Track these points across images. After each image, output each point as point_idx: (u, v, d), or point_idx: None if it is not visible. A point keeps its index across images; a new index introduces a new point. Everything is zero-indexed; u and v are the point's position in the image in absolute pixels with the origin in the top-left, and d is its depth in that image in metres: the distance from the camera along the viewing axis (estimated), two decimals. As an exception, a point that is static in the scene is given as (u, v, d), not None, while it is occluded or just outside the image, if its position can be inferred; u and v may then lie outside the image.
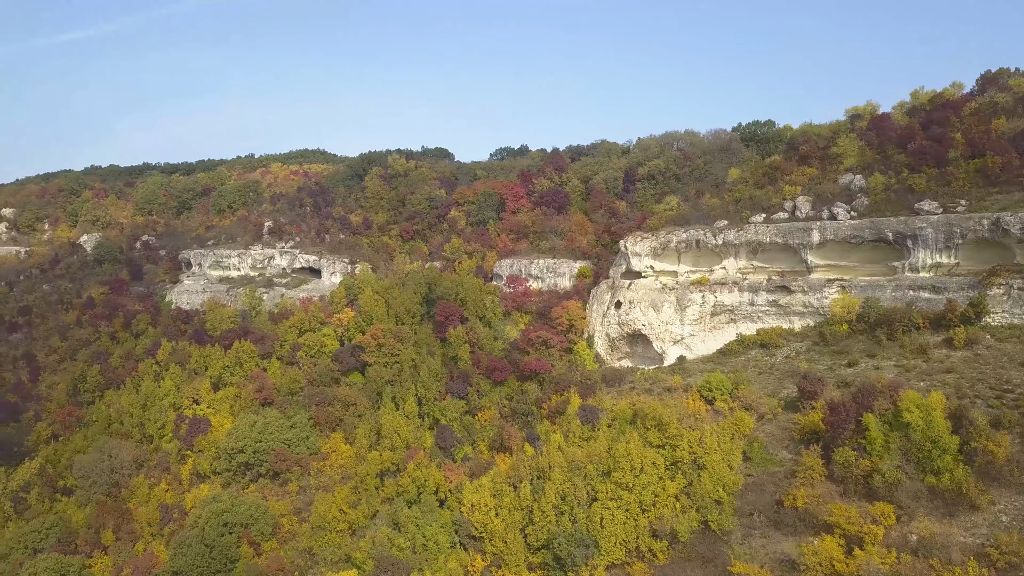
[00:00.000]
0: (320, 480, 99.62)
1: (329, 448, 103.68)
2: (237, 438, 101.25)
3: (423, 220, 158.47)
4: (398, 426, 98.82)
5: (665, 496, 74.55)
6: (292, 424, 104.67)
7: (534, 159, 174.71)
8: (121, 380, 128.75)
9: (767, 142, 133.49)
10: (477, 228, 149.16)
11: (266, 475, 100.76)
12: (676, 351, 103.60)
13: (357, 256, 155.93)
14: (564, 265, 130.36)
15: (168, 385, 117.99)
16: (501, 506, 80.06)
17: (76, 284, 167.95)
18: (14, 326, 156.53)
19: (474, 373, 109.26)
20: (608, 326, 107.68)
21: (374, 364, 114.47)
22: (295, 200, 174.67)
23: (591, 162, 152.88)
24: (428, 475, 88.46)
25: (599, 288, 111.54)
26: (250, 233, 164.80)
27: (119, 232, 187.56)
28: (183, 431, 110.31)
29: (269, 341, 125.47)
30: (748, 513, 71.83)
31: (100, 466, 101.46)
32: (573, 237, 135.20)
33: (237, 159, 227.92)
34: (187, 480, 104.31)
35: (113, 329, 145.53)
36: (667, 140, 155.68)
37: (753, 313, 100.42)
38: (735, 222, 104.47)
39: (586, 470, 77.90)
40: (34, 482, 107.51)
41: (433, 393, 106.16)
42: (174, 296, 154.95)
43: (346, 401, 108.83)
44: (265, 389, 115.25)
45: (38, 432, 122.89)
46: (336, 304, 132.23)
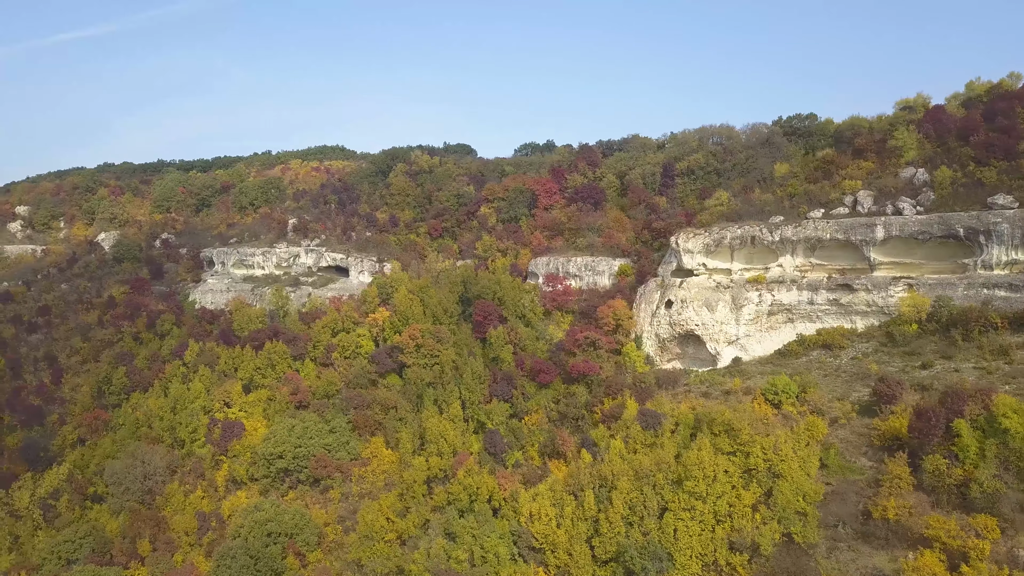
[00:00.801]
0: (362, 487, 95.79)
1: (370, 453, 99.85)
2: (275, 443, 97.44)
3: (451, 217, 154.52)
4: (444, 430, 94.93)
5: (741, 506, 70.68)
6: (331, 428, 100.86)
7: (563, 155, 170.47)
8: (148, 382, 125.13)
9: (809, 136, 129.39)
10: (508, 225, 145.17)
11: (306, 481, 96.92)
12: (730, 352, 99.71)
13: (385, 254, 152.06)
14: (603, 263, 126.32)
15: (198, 388, 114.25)
16: (563, 516, 76.32)
17: (95, 283, 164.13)
18: (33, 326, 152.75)
19: (517, 375, 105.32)
20: (658, 326, 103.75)
21: (412, 365, 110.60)
22: (319, 197, 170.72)
23: (625, 157, 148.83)
24: (480, 482, 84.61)
25: (647, 286, 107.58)
26: (274, 231, 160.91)
27: (137, 230, 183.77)
28: (216, 435, 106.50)
29: (301, 342, 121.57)
30: (832, 525, 67.98)
31: (133, 472, 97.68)
32: (611, 234, 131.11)
33: (254, 156, 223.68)
34: (223, 486, 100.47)
35: (136, 329, 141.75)
36: (702, 135, 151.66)
37: (812, 312, 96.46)
38: (791, 218, 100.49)
39: (654, 479, 74.09)
40: (63, 489, 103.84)
41: (477, 396, 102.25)
42: (198, 295, 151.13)
43: (385, 404, 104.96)
44: (300, 392, 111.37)
45: (63, 436, 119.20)
46: (369, 303, 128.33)
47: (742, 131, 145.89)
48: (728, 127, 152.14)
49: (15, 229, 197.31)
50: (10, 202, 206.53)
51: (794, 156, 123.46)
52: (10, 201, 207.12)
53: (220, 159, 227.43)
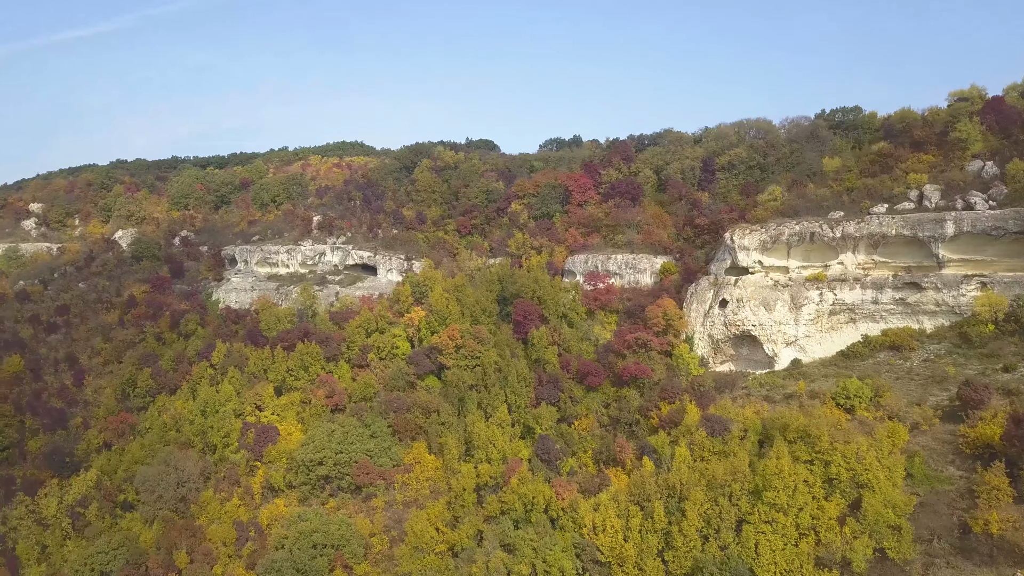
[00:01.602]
0: (406, 495, 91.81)
1: (412, 459, 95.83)
2: (315, 449, 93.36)
3: (480, 214, 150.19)
4: (492, 436, 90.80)
5: (825, 519, 66.59)
6: (372, 433, 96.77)
7: (593, 150, 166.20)
8: (174, 384, 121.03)
9: (854, 129, 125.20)
10: (541, 222, 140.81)
11: (347, 489, 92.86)
12: (789, 353, 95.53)
13: (413, 252, 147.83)
14: (644, 261, 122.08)
15: (228, 390, 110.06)
16: (630, 528, 72.26)
17: (114, 282, 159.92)
18: (52, 326, 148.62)
19: (564, 377, 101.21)
20: (711, 326, 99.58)
21: (452, 367, 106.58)
22: (342, 193, 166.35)
23: (660, 151, 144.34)
24: (536, 491, 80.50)
25: (699, 285, 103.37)
26: (298, 228, 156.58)
27: (155, 228, 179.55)
28: (250, 440, 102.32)
29: (333, 343, 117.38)
30: (926, 539, 63.85)
31: (166, 479, 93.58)
32: (650, 231, 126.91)
33: (272, 152, 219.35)
34: (259, 494, 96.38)
35: (159, 330, 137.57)
36: (739, 129, 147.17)
37: (876, 312, 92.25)
38: (851, 213, 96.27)
39: (730, 489, 69.90)
40: (92, 496, 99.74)
41: (523, 399, 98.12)
42: (221, 294, 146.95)
43: (426, 407, 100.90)
44: (336, 394, 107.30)
45: (88, 440, 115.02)
46: (402, 303, 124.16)
47: (781, 125, 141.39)
48: (765, 121, 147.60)
49: (29, 227, 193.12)
50: (23, 199, 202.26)
51: (842, 150, 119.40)
52: (23, 198, 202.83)
53: (236, 155, 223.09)
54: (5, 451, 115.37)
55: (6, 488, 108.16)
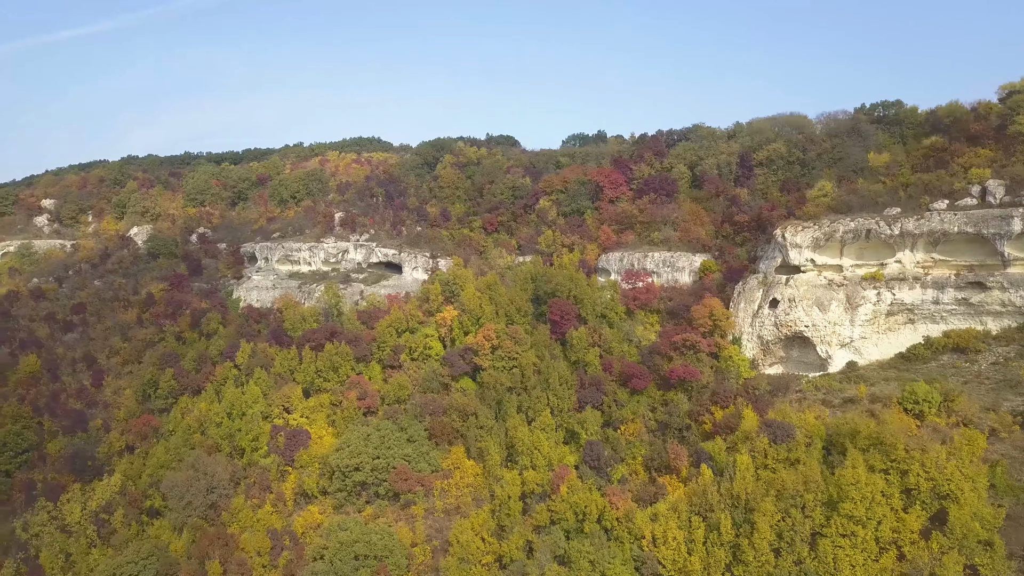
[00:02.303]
0: (446, 502, 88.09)
1: (450, 464, 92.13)
2: (351, 453, 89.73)
3: (507, 211, 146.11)
4: (537, 441, 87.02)
5: (907, 532, 62.86)
6: (409, 437, 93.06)
7: (623, 145, 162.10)
8: (197, 385, 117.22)
9: (897, 124, 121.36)
10: (571, 219, 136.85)
11: (384, 496, 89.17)
12: (843, 355, 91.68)
13: (438, 250, 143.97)
14: (683, 258, 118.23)
15: (255, 391, 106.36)
16: (694, 541, 68.59)
17: (131, 280, 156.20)
18: (69, 325, 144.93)
19: (606, 380, 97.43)
20: (761, 327, 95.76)
21: (488, 369, 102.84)
22: (364, 190, 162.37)
23: (693, 146, 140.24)
24: (588, 500, 76.85)
25: (747, 284, 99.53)
26: (320, 225, 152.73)
27: (171, 224, 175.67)
28: (280, 444, 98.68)
29: (363, 343, 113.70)
30: (1018, 555, 60.12)
31: (195, 485, 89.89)
32: (687, 228, 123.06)
33: (287, 148, 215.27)
34: (291, 500, 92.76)
35: (179, 329, 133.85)
36: (773, 124, 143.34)
37: (936, 313, 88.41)
38: (908, 210, 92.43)
39: (802, 500, 66.10)
40: (116, 502, 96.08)
41: (567, 403, 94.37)
42: (242, 293, 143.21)
43: (463, 410, 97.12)
44: (368, 396, 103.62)
45: (110, 443, 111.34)
46: (432, 302, 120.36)
47: (817, 120, 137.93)
48: (800, 116, 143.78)
49: (42, 223, 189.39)
50: (35, 195, 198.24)
51: (886, 145, 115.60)
52: (35, 195, 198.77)
53: (251, 151, 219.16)
54: (24, 454, 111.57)
55: (26, 493, 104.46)
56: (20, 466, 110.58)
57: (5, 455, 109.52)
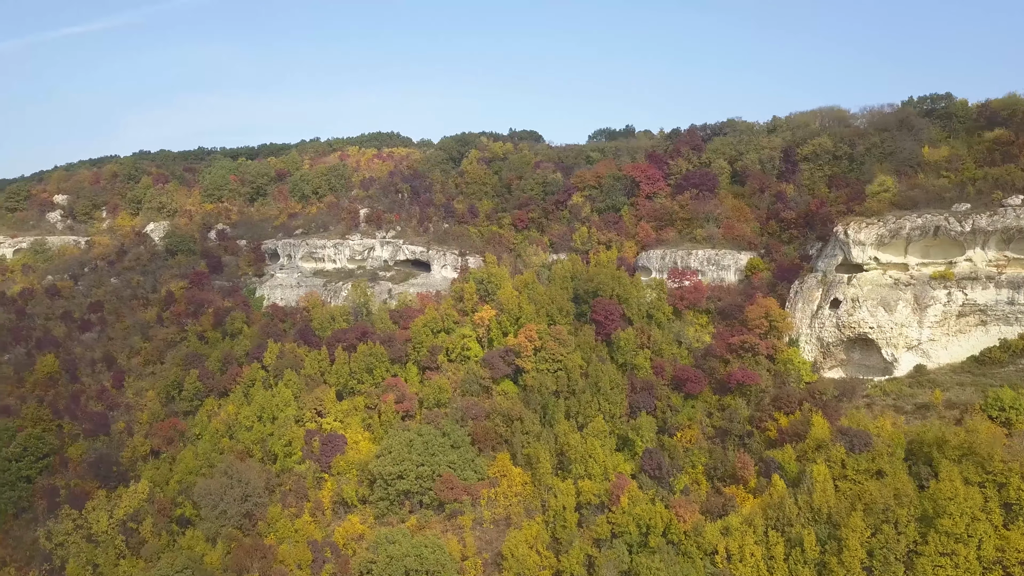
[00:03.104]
0: (494, 512, 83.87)
1: (496, 472, 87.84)
2: (394, 460, 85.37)
3: (537, 207, 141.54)
4: (591, 448, 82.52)
5: (1012, 551, 58.37)
6: (453, 443, 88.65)
7: (654, 140, 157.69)
8: (223, 387, 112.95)
9: (948, 117, 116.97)
10: (606, 215, 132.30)
11: (429, 505, 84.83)
12: (910, 359, 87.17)
13: (467, 247, 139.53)
14: (728, 256, 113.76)
15: (286, 394, 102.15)
16: (774, 557, 64.14)
17: (148, 277, 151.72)
18: (86, 324, 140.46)
19: (658, 384, 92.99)
20: (821, 328, 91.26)
21: (531, 371, 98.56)
22: (388, 185, 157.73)
23: (732, 141, 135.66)
24: (652, 512, 72.47)
25: (804, 283, 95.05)
26: (344, 222, 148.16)
27: (188, 221, 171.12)
28: (315, 449, 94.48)
29: (397, 343, 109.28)
30: None
31: (230, 493, 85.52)
32: (731, 225, 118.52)
33: (303, 143, 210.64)
34: (329, 509, 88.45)
35: (201, 328, 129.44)
36: (812, 119, 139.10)
37: (1012, 314, 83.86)
38: (978, 206, 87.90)
39: (895, 515, 61.63)
40: (145, 510, 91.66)
41: (619, 408, 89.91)
42: (266, 291, 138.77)
43: (508, 415, 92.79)
44: (406, 399, 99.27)
45: (134, 447, 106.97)
46: (467, 301, 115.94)
47: (861, 113, 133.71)
48: (840, 109, 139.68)
49: (55, 219, 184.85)
50: (47, 191, 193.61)
51: (939, 139, 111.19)
52: (47, 190, 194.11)
53: (267, 146, 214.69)
54: (45, 459, 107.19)
55: (49, 499, 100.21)
56: (41, 471, 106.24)
57: (26, 460, 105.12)
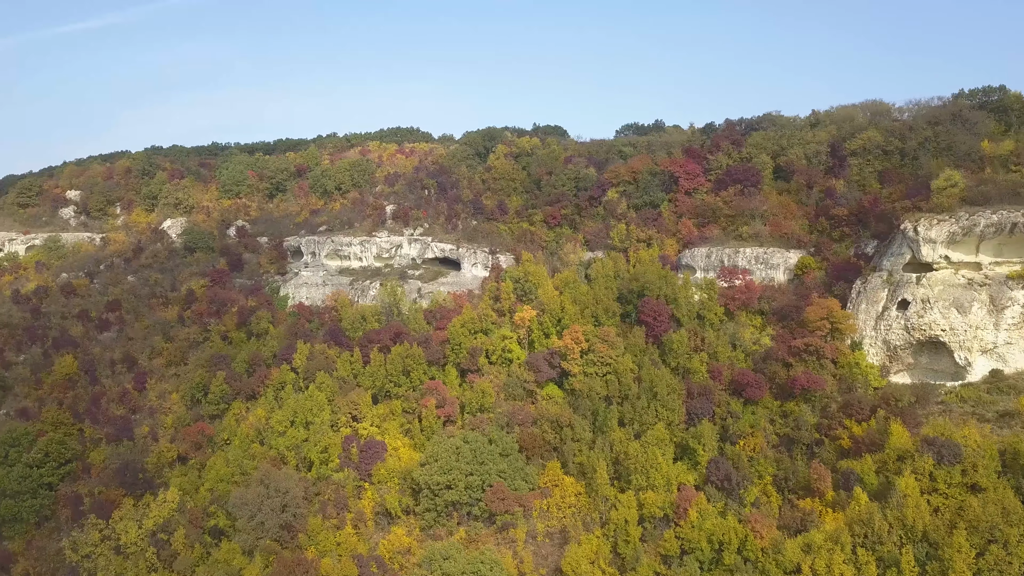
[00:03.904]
0: (548, 524, 79.47)
1: (548, 482, 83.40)
2: (441, 469, 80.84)
3: (569, 203, 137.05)
4: (653, 458, 77.94)
5: None
6: (502, 451, 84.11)
7: (679, 135, 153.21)
8: (251, 390, 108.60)
9: (1002, 110, 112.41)
10: (644, 212, 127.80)
11: (479, 517, 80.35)
12: (984, 363, 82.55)
13: (498, 245, 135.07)
14: (777, 255, 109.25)
15: (320, 398, 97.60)
16: (866, 578, 59.47)
17: (167, 275, 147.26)
18: (104, 323, 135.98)
19: (715, 389, 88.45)
20: (887, 331, 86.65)
21: (579, 375, 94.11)
22: (414, 181, 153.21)
23: (773, 135, 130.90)
24: (725, 527, 68.02)
25: (868, 283, 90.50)
26: (370, 219, 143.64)
27: (205, 217, 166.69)
28: (354, 456, 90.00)
29: (433, 344, 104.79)
30: None
31: (268, 503, 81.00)
32: (777, 222, 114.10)
33: (320, 138, 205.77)
34: (371, 520, 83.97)
35: (224, 328, 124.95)
36: (854, 112, 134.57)
37: (1094, 317, 79.21)
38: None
39: (1003, 534, 57.06)
40: (176, 520, 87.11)
41: (676, 415, 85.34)
42: (290, 290, 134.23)
43: (557, 421, 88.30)
44: (447, 404, 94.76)
45: (159, 453, 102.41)
46: (504, 300, 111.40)
47: (906, 107, 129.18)
48: (882, 103, 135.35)
49: (68, 215, 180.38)
50: (60, 186, 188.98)
51: (997, 132, 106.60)
52: (59, 185, 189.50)
53: (283, 141, 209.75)
54: (67, 465, 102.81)
55: (73, 508, 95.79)
56: (63, 478, 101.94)
57: (47, 466, 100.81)
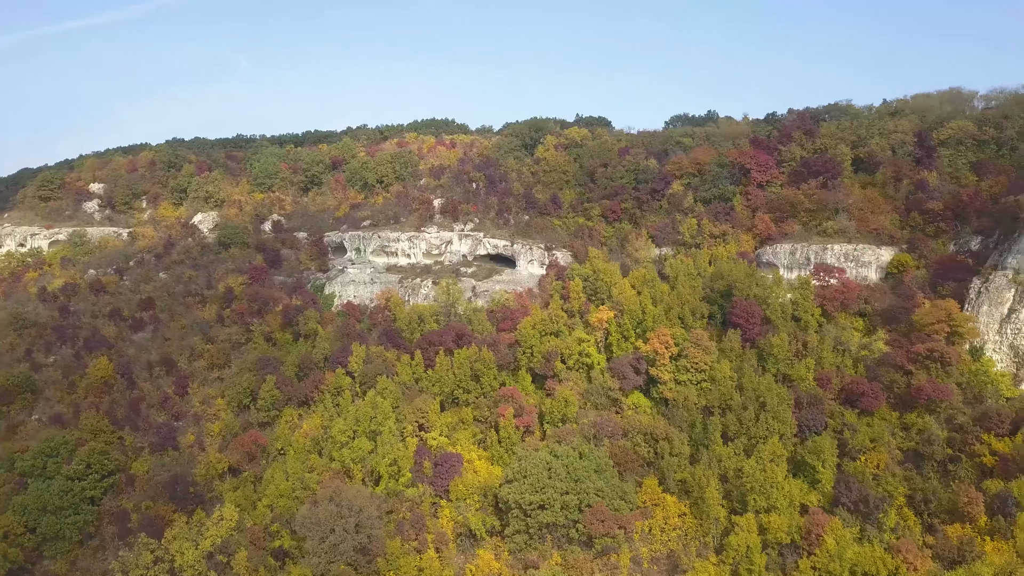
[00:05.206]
0: (652, 548, 72.02)
1: (647, 500, 75.90)
2: (534, 487, 73.36)
3: (629, 196, 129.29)
4: (773, 477, 70.39)
5: None
6: (596, 467, 76.61)
7: (738, 126, 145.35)
8: (303, 395, 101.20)
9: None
10: (714, 205, 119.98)
11: (576, 539, 72.86)
12: None
13: (553, 241, 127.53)
14: (868, 252, 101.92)
15: (385, 406, 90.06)
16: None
17: (201, 272, 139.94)
18: (138, 323, 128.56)
19: (824, 398, 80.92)
20: (1015, 335, 79.27)
21: (669, 382, 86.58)
22: (460, 174, 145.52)
23: (851, 125, 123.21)
24: (870, 557, 60.51)
25: (991, 283, 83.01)
26: (416, 213, 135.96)
27: (238, 211, 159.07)
28: (428, 470, 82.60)
29: (501, 347, 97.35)
30: None
31: (341, 523, 73.57)
32: (864, 216, 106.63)
33: (350, 129, 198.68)
34: (453, 542, 76.54)
35: (268, 328, 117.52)
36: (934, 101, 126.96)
37: None
38: None
39: None
40: (236, 541, 79.63)
41: (788, 427, 77.76)
42: (336, 288, 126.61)
43: (651, 434, 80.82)
44: (525, 413, 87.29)
45: (208, 464, 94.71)
46: (574, 301, 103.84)
47: (992, 94, 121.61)
48: (962, 91, 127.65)
49: (92, 209, 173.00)
50: (82, 179, 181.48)
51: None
52: (82, 178, 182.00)
53: (312, 133, 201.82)
54: (110, 477, 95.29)
55: (119, 525, 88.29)
56: (106, 491, 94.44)
57: (90, 479, 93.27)
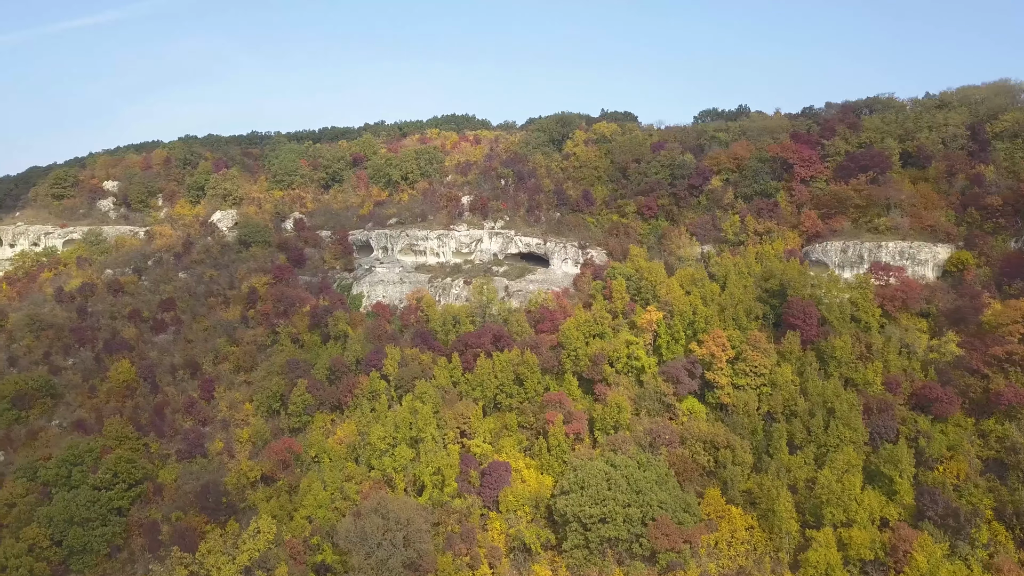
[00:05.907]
0: (721, 565, 67.94)
1: (711, 512, 71.82)
2: (593, 499, 69.30)
3: (665, 192, 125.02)
4: (850, 488, 66.24)
5: None
6: (657, 477, 72.53)
7: (773, 121, 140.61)
8: (336, 400, 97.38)
9: None
10: (756, 202, 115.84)
11: (638, 555, 68.79)
12: None
13: (586, 239, 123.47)
14: (924, 249, 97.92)
15: (425, 411, 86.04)
16: None
17: (223, 272, 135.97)
18: (159, 324, 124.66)
19: (895, 404, 76.76)
20: (1098, 337, 74.73)
21: (726, 387, 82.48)
22: (487, 170, 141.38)
23: (894, 118, 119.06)
24: (967, 577, 56.20)
25: (1069, 282, 78.56)
26: (444, 211, 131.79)
27: (257, 209, 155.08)
28: (474, 480, 78.62)
29: (542, 349, 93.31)
30: None
31: (388, 537, 69.63)
32: (917, 212, 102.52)
33: (368, 126, 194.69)
34: (506, 557, 72.51)
35: (295, 329, 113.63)
36: (983, 93, 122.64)
37: None
38: None
39: None
40: (275, 555, 75.55)
41: (860, 435, 73.59)
42: (365, 288, 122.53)
43: (712, 442, 76.73)
44: (574, 419, 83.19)
45: (239, 473, 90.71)
46: (617, 301, 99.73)
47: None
48: (1007, 83, 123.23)
49: (106, 207, 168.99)
50: (96, 176, 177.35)
51: None
52: (96, 175, 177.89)
53: (328, 130, 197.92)
54: (138, 486, 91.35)
55: (149, 537, 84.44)
56: (134, 501, 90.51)
57: (116, 488, 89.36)
